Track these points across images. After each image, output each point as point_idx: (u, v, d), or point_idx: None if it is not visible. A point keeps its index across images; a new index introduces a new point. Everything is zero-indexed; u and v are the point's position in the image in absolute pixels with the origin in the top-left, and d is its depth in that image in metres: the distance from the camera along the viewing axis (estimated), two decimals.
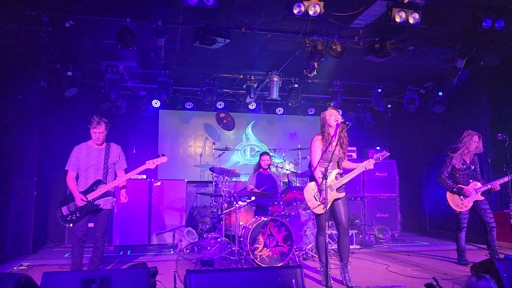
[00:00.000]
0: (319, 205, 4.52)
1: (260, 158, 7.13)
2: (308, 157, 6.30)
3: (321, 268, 4.69)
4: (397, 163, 8.58)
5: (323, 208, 4.17)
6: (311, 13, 5.06)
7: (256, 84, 8.37)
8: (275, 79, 7.78)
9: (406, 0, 5.27)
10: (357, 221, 7.89)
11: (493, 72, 7.69)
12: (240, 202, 6.01)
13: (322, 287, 4.57)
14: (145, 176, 7.73)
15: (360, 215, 8.18)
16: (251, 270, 3.41)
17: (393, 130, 10.39)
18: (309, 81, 8.35)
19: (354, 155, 8.74)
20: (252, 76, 8.29)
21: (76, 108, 8.04)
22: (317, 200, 4.55)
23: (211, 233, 6.66)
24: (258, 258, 5.43)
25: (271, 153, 7.88)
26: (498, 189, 5.64)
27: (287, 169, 7.58)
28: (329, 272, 4.37)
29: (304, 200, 4.90)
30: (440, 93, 8.44)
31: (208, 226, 7.08)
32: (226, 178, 6.57)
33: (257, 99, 9.17)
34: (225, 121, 8.54)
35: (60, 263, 5.94)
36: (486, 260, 4.03)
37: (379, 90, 8.72)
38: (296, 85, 8.44)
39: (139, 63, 7.56)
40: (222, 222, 6.11)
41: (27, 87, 6.90)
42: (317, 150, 4.60)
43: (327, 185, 4.20)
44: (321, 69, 7.00)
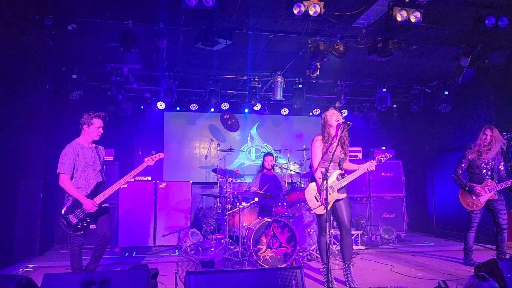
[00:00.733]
0: (320, 206, 4.51)
1: (263, 159, 7.13)
2: None
3: (323, 269, 4.68)
4: (403, 163, 8.46)
5: (324, 209, 4.16)
6: (311, 13, 5.04)
7: (260, 85, 8.37)
8: (279, 79, 7.77)
9: None
10: (362, 221, 7.83)
11: (499, 71, 7.59)
12: (243, 203, 6.02)
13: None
14: (150, 178, 7.77)
15: (365, 215, 8.10)
16: (251, 271, 3.39)
17: (399, 129, 10.30)
18: (313, 81, 8.32)
19: (360, 155, 8.70)
20: (256, 77, 8.28)
21: (81, 111, 8.03)
22: (318, 201, 4.53)
23: (216, 234, 6.65)
24: (262, 259, 5.42)
25: (276, 154, 7.87)
26: None
27: (291, 170, 7.57)
28: (331, 273, 4.36)
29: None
30: (446, 92, 8.33)
31: (212, 227, 7.08)
32: (230, 179, 6.58)
33: (262, 100, 9.18)
34: (229, 122, 8.57)
35: (66, 265, 5.92)
36: (490, 260, 3.98)
37: (384, 90, 8.66)
38: (300, 86, 8.43)
39: (143, 66, 7.59)
40: (226, 223, 6.12)
41: (33, 90, 6.97)
42: (317, 150, 4.58)
43: (328, 186, 4.19)
44: (325, 70, 6.99)
